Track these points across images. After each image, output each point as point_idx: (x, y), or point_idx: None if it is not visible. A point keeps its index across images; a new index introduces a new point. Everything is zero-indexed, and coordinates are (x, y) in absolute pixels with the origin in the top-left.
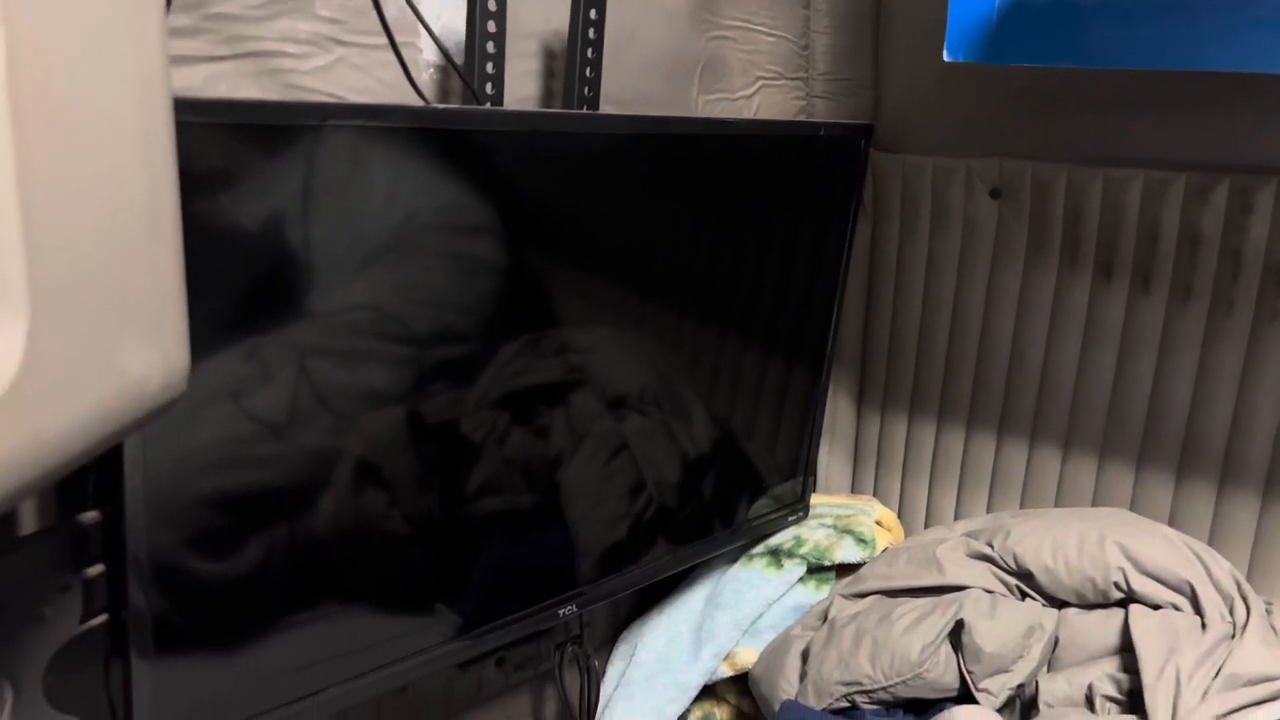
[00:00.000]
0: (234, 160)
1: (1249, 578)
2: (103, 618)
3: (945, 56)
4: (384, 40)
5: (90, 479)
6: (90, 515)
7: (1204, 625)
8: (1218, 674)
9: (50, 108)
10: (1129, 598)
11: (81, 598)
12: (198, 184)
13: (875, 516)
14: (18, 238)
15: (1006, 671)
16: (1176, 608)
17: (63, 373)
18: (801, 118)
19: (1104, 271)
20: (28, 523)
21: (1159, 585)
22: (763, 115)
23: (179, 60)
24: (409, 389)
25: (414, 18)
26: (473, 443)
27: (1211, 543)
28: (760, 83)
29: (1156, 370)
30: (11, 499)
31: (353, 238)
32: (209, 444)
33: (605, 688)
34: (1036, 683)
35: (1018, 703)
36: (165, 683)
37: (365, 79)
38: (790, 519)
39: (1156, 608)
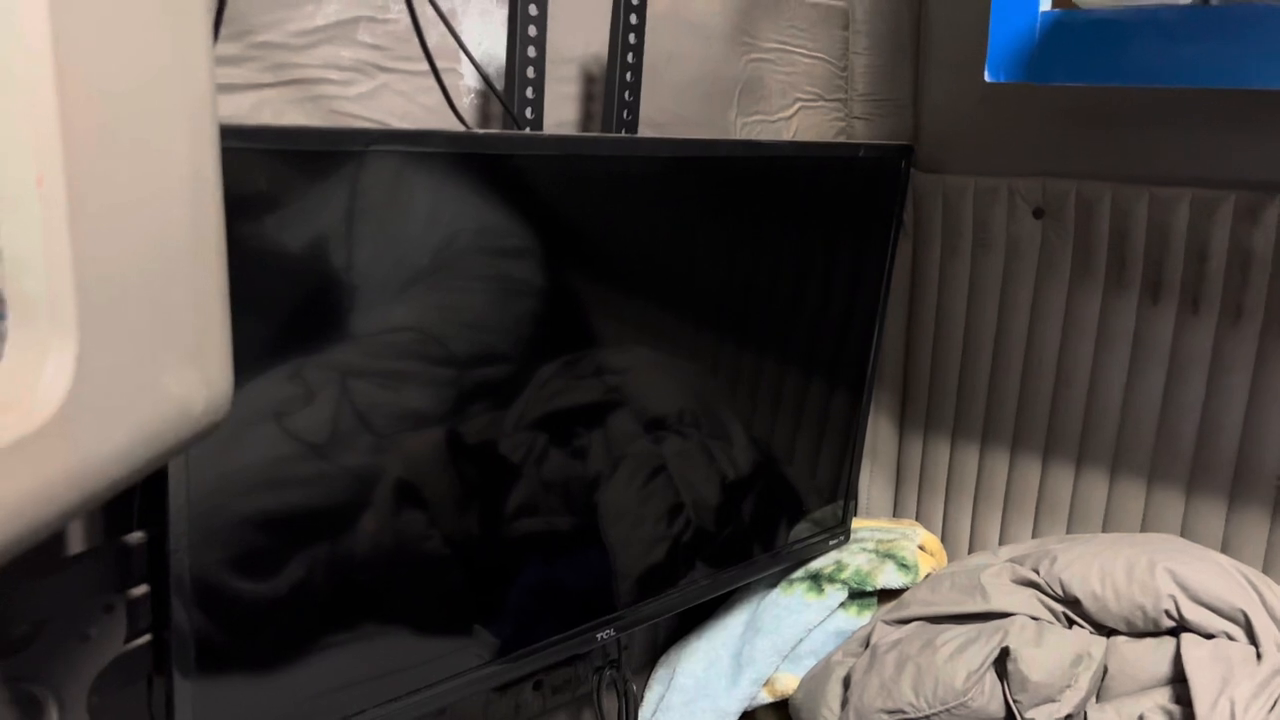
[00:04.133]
0: (279, 185)
1: None
2: (146, 638)
3: (987, 77)
4: (425, 66)
5: (136, 500)
6: (135, 536)
7: (1259, 655)
8: (1274, 706)
9: (101, 136)
10: (1180, 626)
11: (126, 617)
12: (243, 208)
13: (918, 541)
14: (68, 263)
15: (1054, 701)
16: (1230, 637)
17: (110, 396)
18: (841, 139)
19: (1151, 292)
20: (75, 543)
21: (1211, 614)
22: (801, 137)
23: (225, 88)
24: (449, 410)
25: (455, 44)
26: (511, 463)
27: (1266, 570)
28: (799, 104)
29: (1207, 392)
30: (59, 521)
31: (395, 261)
32: (251, 464)
33: (643, 712)
34: (1085, 713)
35: None
36: (207, 702)
37: (407, 104)
38: (831, 543)
39: (1209, 637)
